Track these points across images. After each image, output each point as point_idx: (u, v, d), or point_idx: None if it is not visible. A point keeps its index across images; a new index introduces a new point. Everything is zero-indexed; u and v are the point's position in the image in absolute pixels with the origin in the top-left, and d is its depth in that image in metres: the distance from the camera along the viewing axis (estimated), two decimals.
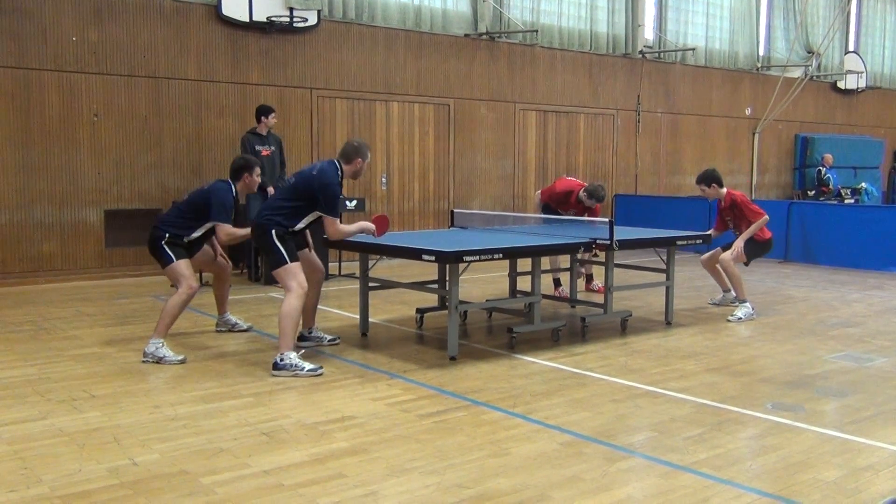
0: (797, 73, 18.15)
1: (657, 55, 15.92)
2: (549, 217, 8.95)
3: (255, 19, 10.90)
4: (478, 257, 6.18)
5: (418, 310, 7.62)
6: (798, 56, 18.51)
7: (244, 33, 11.00)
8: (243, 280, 10.20)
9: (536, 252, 6.81)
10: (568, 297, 8.74)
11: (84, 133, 10.05)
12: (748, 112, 17.77)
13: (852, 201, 17.40)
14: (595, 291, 9.45)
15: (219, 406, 5.07)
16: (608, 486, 3.92)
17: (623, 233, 7.67)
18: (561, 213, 9.22)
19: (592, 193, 8.98)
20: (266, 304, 8.58)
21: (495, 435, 4.61)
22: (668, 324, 7.79)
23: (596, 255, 7.44)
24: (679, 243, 7.91)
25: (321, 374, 5.77)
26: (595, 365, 6.23)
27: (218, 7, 10.69)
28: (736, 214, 8.37)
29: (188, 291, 6.25)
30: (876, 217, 12.16)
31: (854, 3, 20.20)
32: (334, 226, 6.05)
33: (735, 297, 8.37)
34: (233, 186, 6.53)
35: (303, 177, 6.14)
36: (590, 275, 9.74)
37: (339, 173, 6.11)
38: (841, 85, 19.84)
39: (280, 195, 6.22)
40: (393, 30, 12.35)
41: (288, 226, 6.04)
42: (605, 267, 7.28)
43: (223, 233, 6.41)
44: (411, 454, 4.29)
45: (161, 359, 6.06)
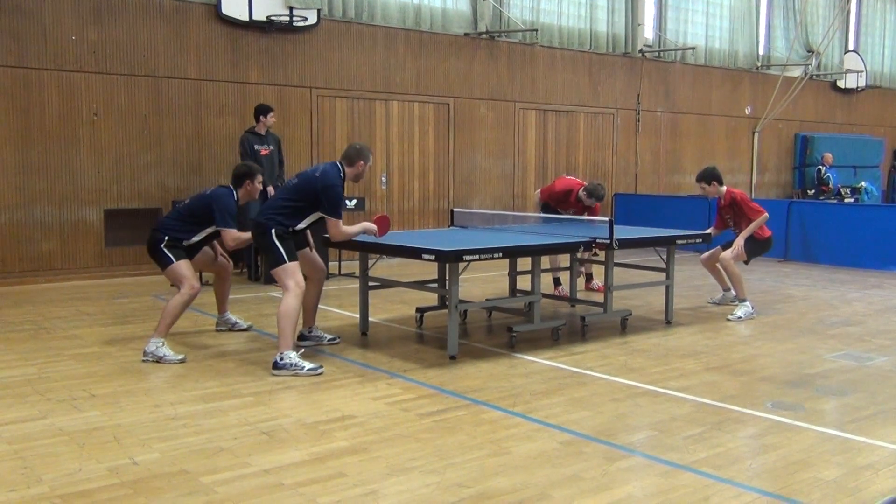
0: (797, 73, 18.15)
1: (657, 54, 15.92)
2: (549, 216, 8.95)
3: (255, 18, 10.90)
4: (478, 256, 6.19)
5: (418, 309, 7.62)
6: (798, 55, 18.51)
7: (244, 32, 11.00)
8: (243, 279, 10.20)
9: (536, 251, 6.81)
10: (568, 297, 8.75)
11: (84, 132, 10.04)
12: (748, 111, 17.76)
13: (852, 200, 17.39)
14: (595, 290, 9.45)
15: (219, 405, 5.08)
16: (608, 485, 3.92)
17: (623, 232, 7.68)
18: (560, 213, 9.22)
19: (592, 192, 8.98)
20: (266, 304, 8.58)
21: (495, 434, 4.61)
22: (668, 323, 7.79)
23: (596, 255, 7.44)
24: (679, 242, 7.92)
25: (321, 374, 5.77)
26: (595, 364, 6.23)
27: (218, 6, 10.69)
28: (736, 212, 8.37)
29: (190, 292, 6.25)
30: (876, 216, 12.16)
31: (854, 3, 20.19)
32: (337, 227, 6.06)
33: (735, 297, 8.37)
34: (234, 192, 6.53)
35: (305, 178, 6.15)
36: (589, 274, 9.75)
37: (342, 175, 6.11)
38: (841, 84, 19.83)
39: (282, 195, 6.22)
40: (393, 29, 12.35)
41: (289, 225, 6.05)
42: (605, 266, 7.28)
43: (230, 238, 6.40)
44: (411, 453, 4.29)
45: (161, 358, 6.06)
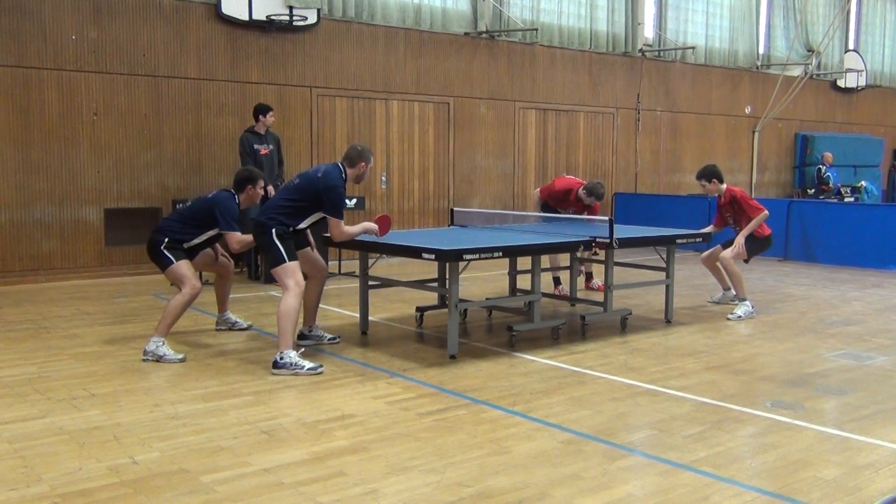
0: (797, 72, 18.14)
1: (657, 53, 15.91)
2: (549, 216, 8.95)
3: (255, 18, 10.89)
4: (478, 256, 6.20)
5: (418, 308, 7.63)
6: (798, 54, 18.51)
7: (244, 32, 11.00)
8: (243, 279, 10.20)
9: (536, 250, 6.81)
10: (568, 296, 8.75)
11: (84, 132, 10.04)
12: (748, 110, 17.76)
13: (852, 200, 17.39)
14: (595, 290, 9.45)
15: (219, 404, 5.08)
16: (608, 485, 3.92)
17: (623, 231, 7.68)
18: (560, 212, 9.22)
19: (592, 191, 8.98)
20: (266, 303, 8.58)
21: (495, 433, 4.61)
22: (668, 322, 7.79)
23: (596, 254, 7.44)
24: (679, 242, 7.92)
25: (321, 373, 5.77)
26: (595, 363, 6.23)
27: (218, 6, 10.69)
28: (736, 210, 8.36)
29: (191, 292, 6.25)
30: (876, 215, 12.16)
31: (854, 2, 20.18)
32: (339, 227, 6.07)
33: (735, 296, 8.37)
34: (236, 196, 6.53)
35: (307, 178, 6.16)
36: (589, 273, 9.74)
37: (343, 176, 6.12)
38: (841, 83, 19.83)
39: (283, 195, 6.22)
40: (393, 28, 12.35)
41: (290, 225, 6.06)
42: (605, 265, 7.28)
43: (234, 241, 6.40)
44: (411, 452, 4.29)
45: (161, 357, 6.06)
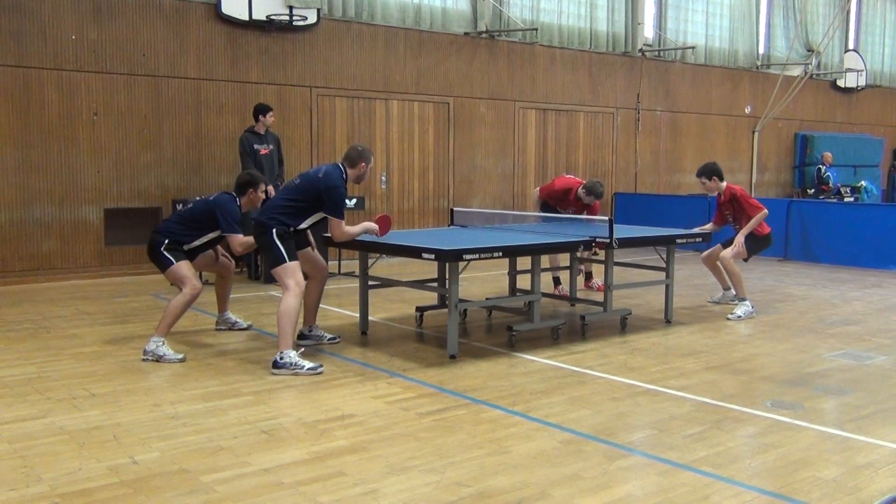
0: (797, 72, 18.14)
1: (657, 53, 15.91)
2: (549, 215, 8.95)
3: (255, 18, 10.89)
4: (477, 256, 6.20)
5: (418, 308, 7.63)
6: (798, 54, 18.51)
7: (244, 32, 11.00)
8: (243, 278, 10.20)
9: (536, 250, 6.81)
10: (567, 296, 8.75)
11: (83, 132, 10.04)
12: (748, 110, 17.76)
13: (852, 199, 17.40)
14: (594, 290, 9.45)
15: (219, 404, 5.08)
16: (608, 485, 3.92)
17: (623, 231, 7.68)
18: (560, 211, 9.22)
19: (591, 190, 8.98)
20: (265, 303, 8.58)
21: (495, 433, 4.61)
22: (668, 322, 7.79)
23: (595, 254, 7.45)
24: (679, 241, 7.92)
25: (321, 373, 5.77)
26: (595, 363, 6.23)
27: (217, 6, 10.69)
28: (735, 209, 8.36)
29: (192, 292, 6.25)
30: (875, 215, 12.17)
31: (854, 2, 20.18)
32: (340, 228, 6.08)
33: (735, 296, 8.37)
34: (237, 199, 6.53)
35: (307, 178, 6.16)
36: (589, 272, 9.73)
37: (344, 177, 6.13)
38: (841, 83, 19.83)
39: (283, 195, 6.22)
40: (392, 28, 12.35)
41: (290, 225, 6.06)
42: (605, 265, 7.28)
43: (237, 243, 6.39)
44: (411, 452, 4.29)
45: (161, 357, 6.06)
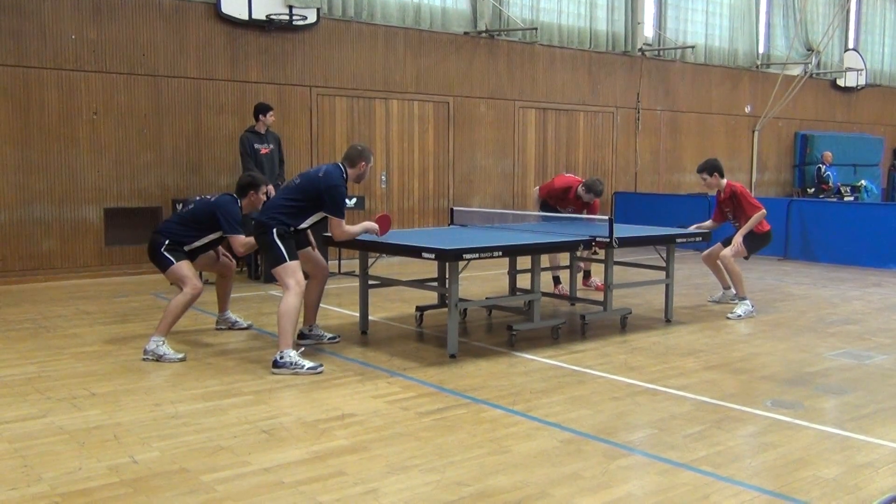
0: (797, 71, 18.15)
1: (657, 53, 15.91)
2: (549, 215, 8.95)
3: (255, 17, 10.89)
4: (477, 255, 6.20)
5: (418, 308, 7.63)
6: (798, 54, 18.51)
7: (243, 31, 11.00)
8: (243, 278, 10.19)
9: (536, 250, 6.81)
10: (567, 295, 8.75)
11: (83, 131, 10.04)
12: (748, 110, 17.76)
13: (852, 199, 17.40)
14: (592, 288, 9.43)
15: (219, 404, 5.08)
16: (608, 484, 3.92)
17: (622, 230, 7.68)
18: (560, 210, 9.21)
19: (590, 187, 8.97)
20: (266, 302, 8.58)
21: (495, 433, 4.62)
22: (668, 321, 7.79)
23: (595, 253, 7.45)
24: (678, 241, 7.92)
25: (321, 372, 5.77)
26: (595, 363, 6.23)
27: (217, 5, 10.69)
28: (735, 206, 8.35)
29: (193, 292, 6.25)
30: (875, 214, 12.16)
31: (854, 1, 20.18)
32: (340, 227, 6.08)
33: (735, 295, 8.37)
34: (238, 201, 6.53)
35: (308, 178, 6.17)
36: (587, 271, 9.68)
37: (344, 176, 6.13)
38: (840, 82, 19.83)
39: (284, 194, 6.23)
40: (392, 28, 12.35)
41: (291, 225, 6.06)
42: (605, 265, 7.28)
43: (239, 244, 6.39)
44: (411, 452, 4.30)
45: (161, 357, 6.06)
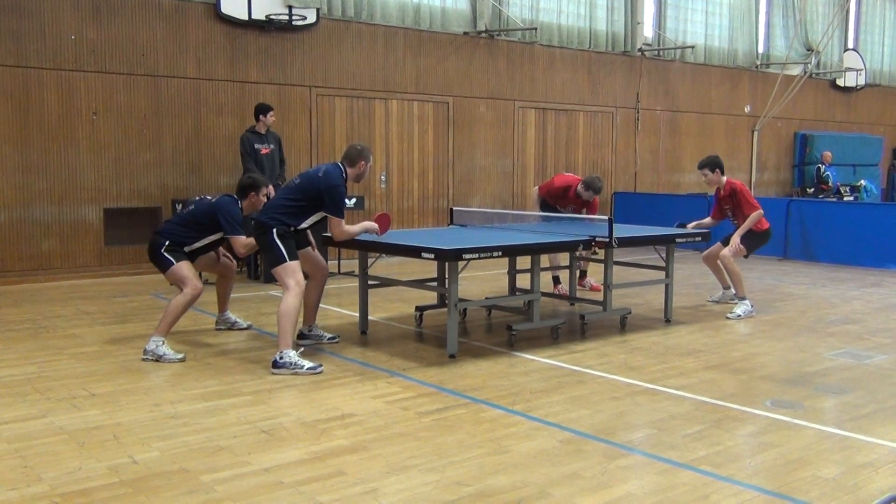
0: (796, 71, 18.15)
1: (656, 53, 15.91)
2: (549, 215, 8.94)
3: (254, 17, 10.89)
4: (477, 255, 6.20)
5: (418, 308, 7.63)
6: (797, 53, 18.51)
7: (243, 31, 11.00)
8: (243, 278, 10.19)
9: (536, 250, 6.81)
10: (567, 295, 8.75)
11: (83, 131, 10.04)
12: (747, 110, 17.77)
13: (851, 199, 17.40)
14: (587, 289, 9.40)
15: (218, 404, 5.08)
16: (608, 484, 3.92)
17: (622, 230, 7.68)
18: (560, 210, 9.20)
19: (590, 185, 8.97)
20: (265, 303, 8.58)
21: (495, 432, 4.62)
22: (668, 321, 7.79)
23: (595, 253, 7.45)
24: (678, 241, 7.92)
25: (321, 373, 5.77)
26: (594, 362, 6.23)
27: (217, 5, 10.69)
28: (734, 204, 8.36)
29: (193, 292, 6.25)
30: (875, 214, 12.16)
31: (853, 1, 20.19)
32: (340, 227, 6.09)
33: (734, 295, 8.37)
34: (239, 202, 6.53)
35: (308, 178, 6.17)
36: (584, 271, 9.55)
37: (344, 176, 6.13)
38: (840, 82, 19.83)
39: (284, 194, 6.23)
40: (392, 28, 12.35)
41: (291, 224, 6.07)
42: (605, 265, 7.28)
43: (240, 245, 6.39)
44: (411, 452, 4.30)
45: (161, 357, 6.06)
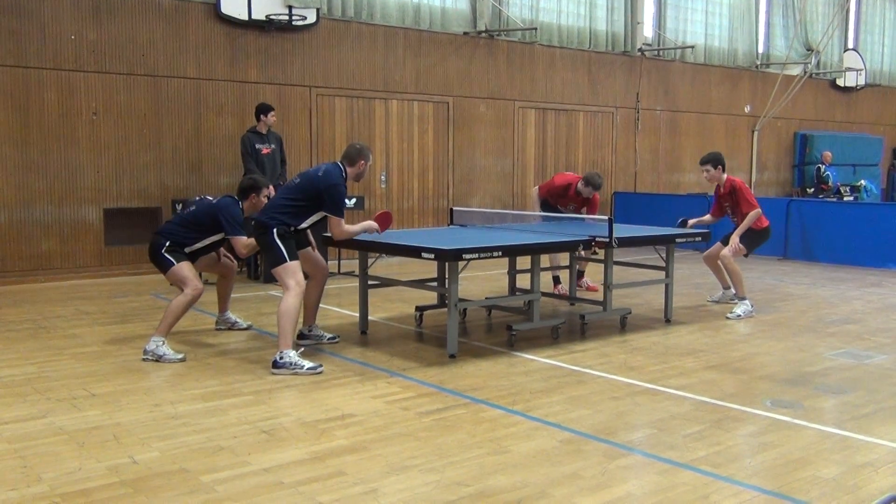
0: (796, 71, 18.15)
1: (656, 53, 15.91)
2: (549, 214, 8.94)
3: (254, 17, 10.89)
4: (477, 255, 6.20)
5: (418, 308, 7.63)
6: (797, 53, 18.51)
7: (243, 31, 11.00)
8: (243, 278, 10.18)
9: (536, 250, 6.81)
10: (567, 295, 8.75)
11: (83, 131, 10.04)
12: (747, 109, 17.77)
13: (851, 199, 17.40)
14: (584, 289, 9.38)
15: (219, 404, 5.08)
16: (607, 484, 3.92)
17: (622, 230, 7.68)
18: (560, 210, 9.20)
19: (589, 181, 8.98)
20: (265, 303, 8.58)
21: (495, 432, 4.62)
22: (668, 321, 7.79)
23: (595, 253, 7.45)
24: (678, 241, 7.92)
25: (321, 373, 5.77)
26: (594, 362, 6.23)
27: (217, 5, 10.69)
28: (734, 202, 8.36)
29: (193, 293, 6.25)
30: (875, 214, 12.17)
31: (853, 1, 20.19)
32: (340, 226, 6.09)
33: (734, 295, 8.38)
34: (240, 203, 6.53)
35: (307, 177, 6.17)
36: (581, 271, 9.49)
37: (344, 175, 6.14)
38: (840, 82, 19.83)
39: (284, 194, 6.23)
40: (392, 28, 12.35)
41: (291, 224, 6.07)
42: (605, 265, 7.28)
43: (241, 245, 6.39)
44: (411, 452, 4.30)
45: (161, 357, 6.06)
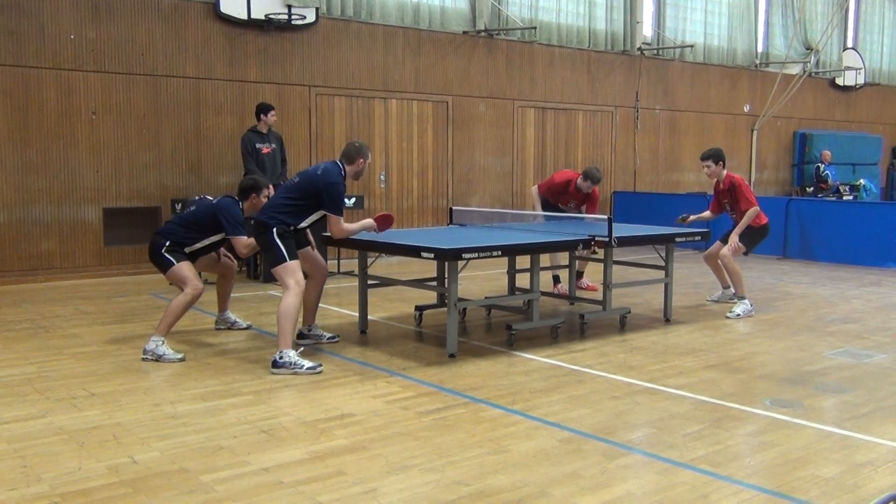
0: (796, 70, 18.15)
1: (656, 52, 15.91)
2: (549, 214, 8.94)
3: (254, 17, 10.89)
4: (477, 255, 6.20)
5: (417, 307, 7.63)
6: (797, 52, 18.51)
7: (242, 31, 10.99)
8: (242, 278, 10.18)
9: (535, 249, 6.81)
10: (567, 294, 8.75)
11: (82, 131, 10.04)
12: (747, 109, 17.77)
13: (851, 198, 17.40)
14: (583, 289, 9.38)
15: (218, 404, 5.08)
16: (607, 483, 3.92)
17: (622, 230, 7.68)
18: (560, 207, 9.19)
19: (588, 175, 8.97)
20: (265, 302, 8.58)
21: (494, 432, 4.62)
22: (667, 321, 7.79)
23: (594, 253, 7.45)
24: (677, 240, 7.92)
25: (320, 372, 5.77)
26: (594, 362, 6.24)
27: (216, 5, 10.68)
28: (733, 198, 8.36)
29: (193, 293, 6.25)
30: (874, 213, 12.17)
31: (852, 0, 20.19)
32: (339, 225, 6.09)
33: (734, 294, 8.38)
34: (240, 203, 6.53)
35: (307, 176, 6.17)
36: (580, 271, 9.48)
37: (343, 173, 6.14)
38: (839, 81, 19.84)
39: (283, 194, 6.23)
40: (391, 27, 12.35)
41: (291, 224, 6.07)
42: (604, 264, 7.28)
43: (241, 245, 6.40)
44: (411, 451, 4.30)
45: (160, 357, 6.06)
